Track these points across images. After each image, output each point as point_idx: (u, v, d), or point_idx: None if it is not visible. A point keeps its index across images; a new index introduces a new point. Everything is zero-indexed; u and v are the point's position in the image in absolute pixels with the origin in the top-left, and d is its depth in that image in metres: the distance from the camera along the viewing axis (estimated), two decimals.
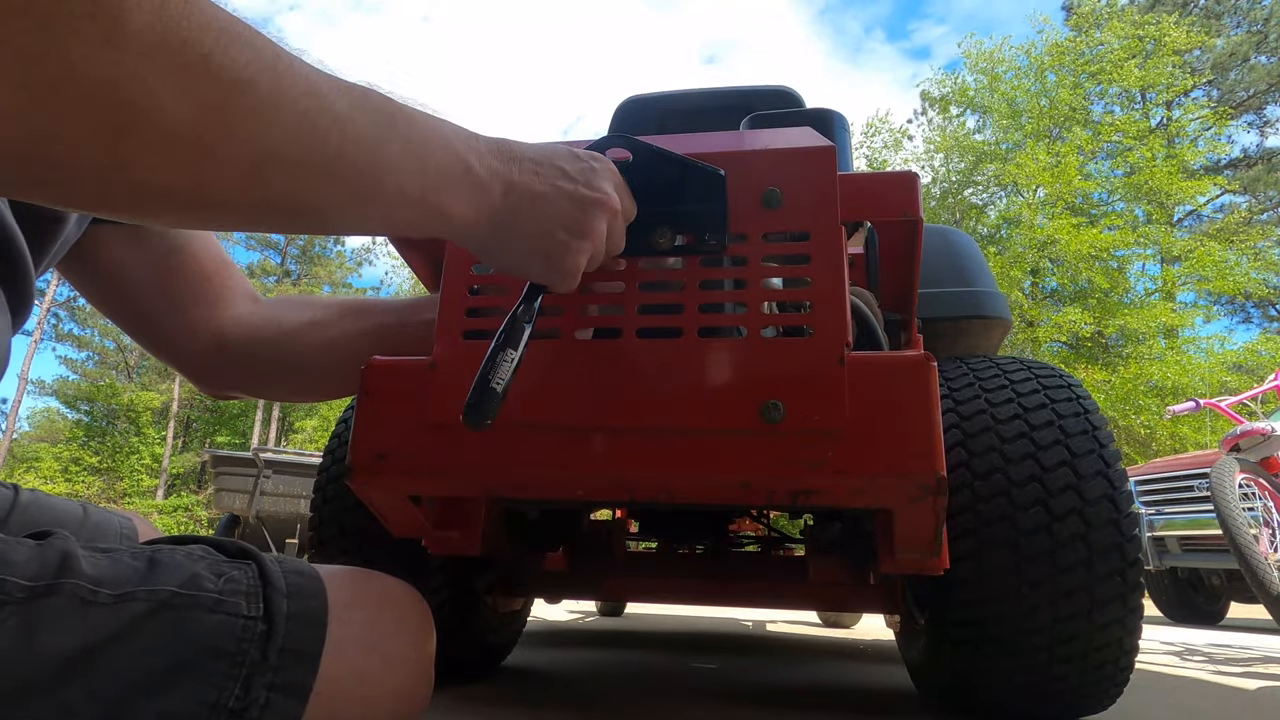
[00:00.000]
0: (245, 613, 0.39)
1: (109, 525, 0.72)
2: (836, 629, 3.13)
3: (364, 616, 0.46)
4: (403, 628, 0.50)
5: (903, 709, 1.16)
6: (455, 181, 0.44)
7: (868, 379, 0.62)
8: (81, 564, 0.36)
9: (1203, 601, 4.87)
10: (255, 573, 0.41)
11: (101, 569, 0.37)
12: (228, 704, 0.36)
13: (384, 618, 0.48)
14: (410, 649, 0.49)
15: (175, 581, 0.38)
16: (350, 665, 0.43)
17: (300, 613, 0.41)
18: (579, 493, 0.72)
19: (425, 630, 0.52)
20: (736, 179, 0.67)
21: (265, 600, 0.40)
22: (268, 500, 5.22)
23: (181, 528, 18.43)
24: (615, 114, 2.20)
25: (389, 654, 0.47)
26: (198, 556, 0.41)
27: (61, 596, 0.34)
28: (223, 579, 0.40)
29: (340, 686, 0.42)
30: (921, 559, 0.81)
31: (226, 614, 0.38)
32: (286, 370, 0.75)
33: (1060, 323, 13.14)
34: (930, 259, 1.19)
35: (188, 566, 0.39)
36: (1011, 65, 15.30)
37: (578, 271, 0.53)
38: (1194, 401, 3.49)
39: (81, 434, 22.53)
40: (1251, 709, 1.39)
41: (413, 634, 0.50)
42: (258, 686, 0.38)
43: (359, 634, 0.45)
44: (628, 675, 1.46)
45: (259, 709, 0.37)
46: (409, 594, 0.53)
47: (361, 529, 1.07)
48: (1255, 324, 17.14)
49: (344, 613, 0.44)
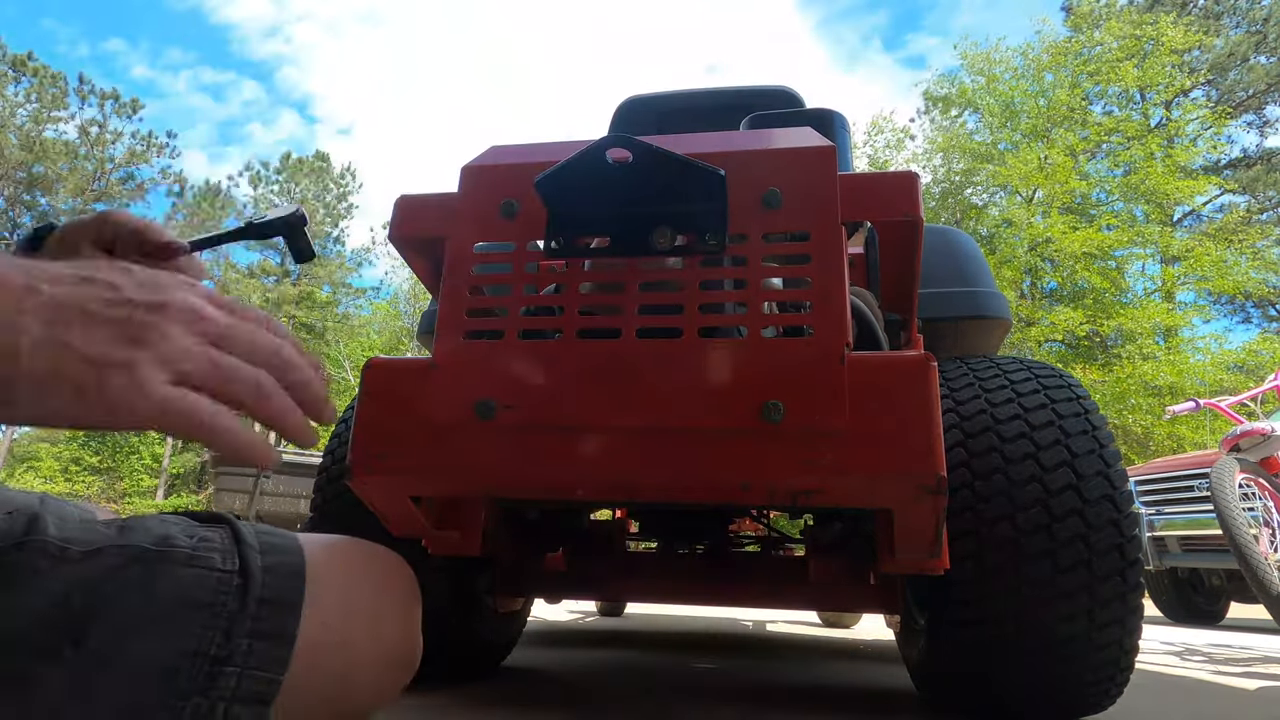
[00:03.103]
0: (220, 566, 0.39)
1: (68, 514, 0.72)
2: (836, 629, 3.13)
3: (343, 578, 0.46)
4: (386, 592, 0.49)
5: (903, 709, 1.16)
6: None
7: (868, 379, 0.62)
8: (49, 527, 0.36)
9: (1203, 601, 4.87)
10: (229, 533, 0.42)
11: (69, 531, 0.37)
12: (209, 651, 0.36)
13: (366, 580, 0.48)
14: (395, 611, 0.49)
15: (147, 540, 0.38)
16: (331, 623, 0.43)
17: (276, 566, 0.41)
18: (579, 493, 0.72)
19: (410, 595, 0.51)
20: (736, 179, 0.67)
21: (241, 557, 0.40)
22: (268, 500, 5.22)
23: None
24: (615, 114, 2.20)
25: (371, 614, 0.46)
26: (171, 521, 0.41)
27: (30, 552, 0.35)
28: (195, 538, 0.40)
29: (321, 643, 0.41)
30: (922, 559, 0.81)
31: (201, 568, 0.38)
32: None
33: (1056, 322, 13.15)
34: (930, 259, 1.19)
35: (159, 529, 0.39)
36: (1009, 66, 15.31)
37: (155, 397, 0.34)
38: (1194, 401, 3.49)
39: (81, 434, 22.52)
40: (1251, 709, 1.39)
41: (397, 597, 0.50)
42: (239, 635, 0.38)
43: (338, 592, 0.44)
44: (628, 675, 1.46)
45: (243, 655, 0.37)
46: (393, 559, 0.52)
47: (361, 529, 1.07)
48: (1255, 324, 17.16)
49: (323, 573, 0.43)
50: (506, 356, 0.68)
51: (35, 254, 0.54)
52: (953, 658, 0.95)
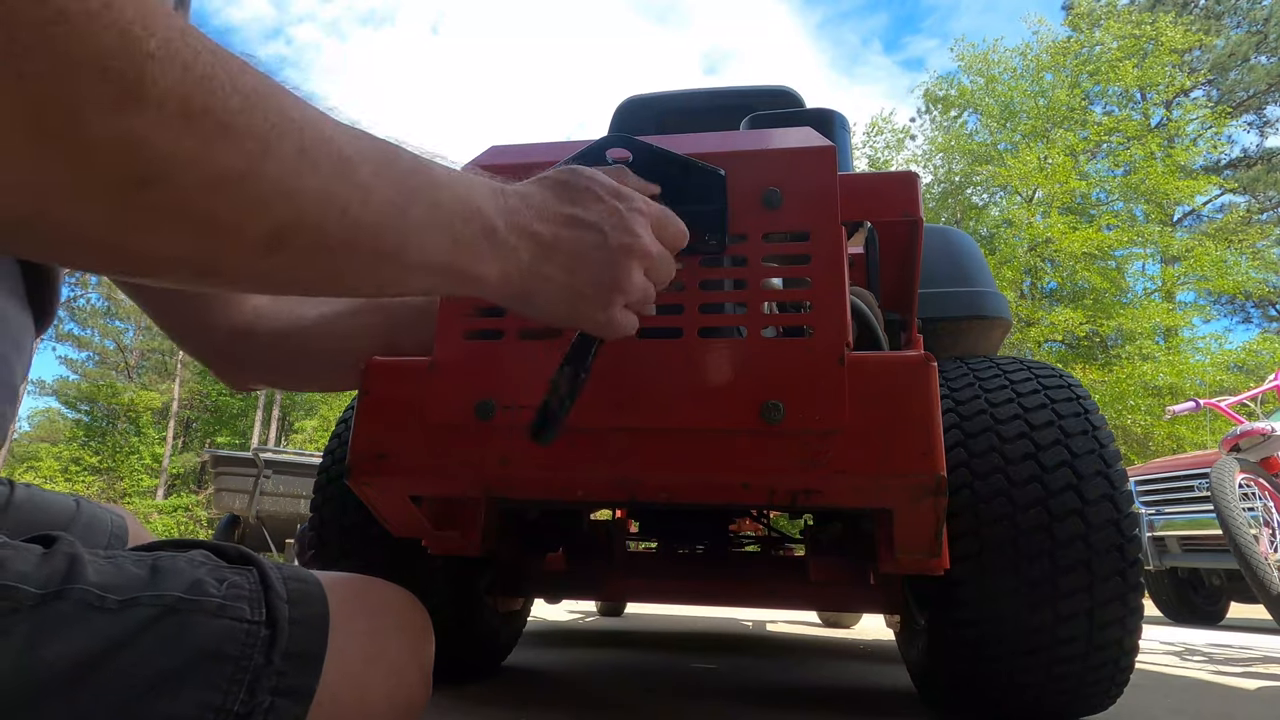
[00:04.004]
0: (249, 617, 0.39)
1: (101, 521, 0.72)
2: (836, 629, 3.13)
3: (364, 625, 0.46)
4: (402, 635, 0.50)
5: (903, 709, 1.16)
6: (480, 246, 0.43)
7: (868, 379, 0.62)
8: (88, 570, 0.36)
9: (1203, 601, 4.87)
10: (257, 578, 0.41)
11: (106, 575, 0.37)
12: (233, 708, 0.36)
13: (384, 625, 0.48)
14: (410, 656, 0.49)
15: (179, 587, 0.38)
16: (350, 672, 0.43)
17: (302, 618, 0.41)
18: (579, 493, 0.72)
19: (424, 637, 0.52)
20: (736, 179, 0.67)
21: (268, 606, 0.40)
22: (268, 500, 5.22)
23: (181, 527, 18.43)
24: (615, 114, 2.20)
25: (389, 661, 0.47)
26: (199, 562, 0.41)
27: (69, 602, 0.34)
28: (225, 584, 0.39)
29: (340, 693, 0.41)
30: (922, 559, 0.81)
31: (230, 619, 0.38)
32: (306, 361, 0.76)
33: (1056, 322, 13.15)
34: (930, 259, 1.19)
35: (190, 572, 0.39)
36: (1008, 67, 15.31)
37: (616, 323, 0.52)
38: (1194, 401, 3.49)
39: (82, 434, 22.53)
40: (1251, 709, 1.39)
41: (412, 641, 0.50)
42: (262, 690, 0.38)
43: (360, 642, 0.45)
44: (628, 675, 1.46)
45: (263, 712, 0.37)
46: (408, 601, 0.53)
47: (361, 529, 1.07)
48: (1255, 324, 17.16)
49: (345, 620, 0.44)
50: (507, 356, 0.68)
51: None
52: (953, 658, 0.95)
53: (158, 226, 0.29)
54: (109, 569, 0.37)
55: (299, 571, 0.45)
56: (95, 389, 22.67)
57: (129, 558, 0.39)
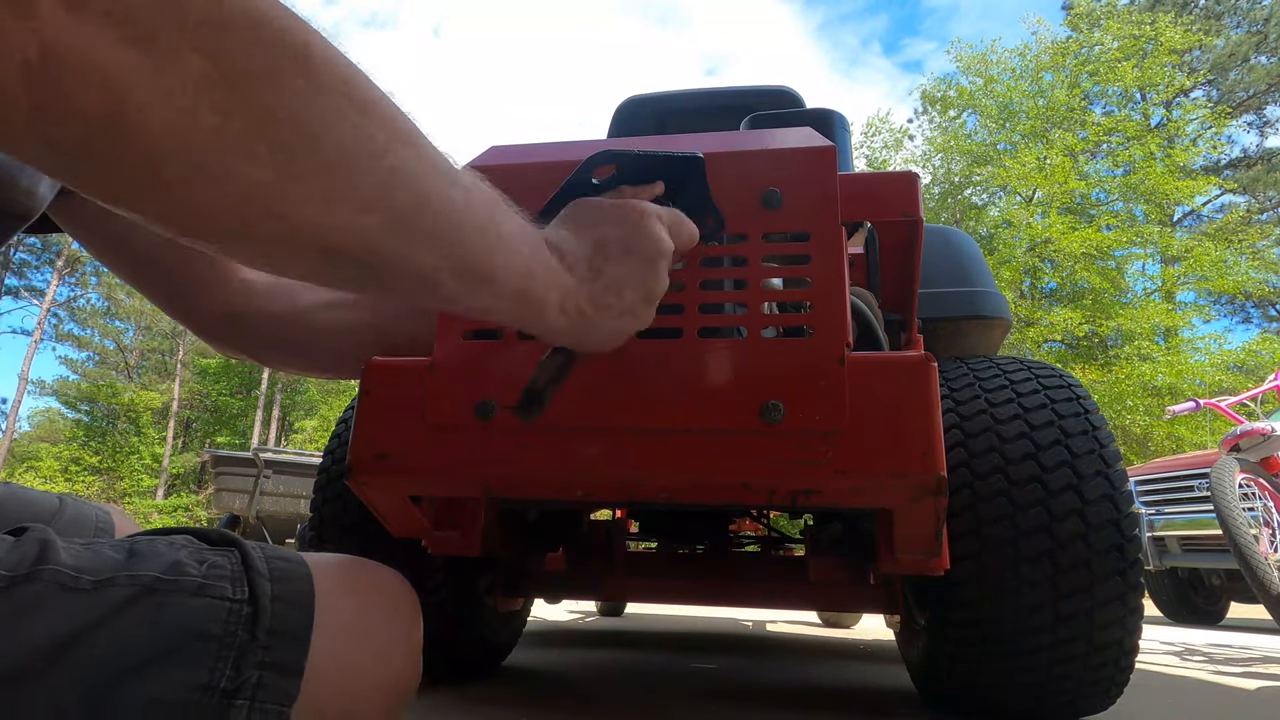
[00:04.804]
0: (230, 595, 0.38)
1: (86, 517, 0.72)
2: (836, 629, 3.13)
3: (352, 604, 0.45)
4: (391, 615, 0.49)
5: (903, 709, 1.16)
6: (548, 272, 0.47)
7: (868, 379, 0.62)
8: (60, 553, 0.36)
9: (1203, 601, 4.87)
10: (238, 558, 0.41)
11: (81, 558, 0.36)
12: (219, 684, 0.36)
13: (372, 605, 0.48)
14: (400, 636, 0.49)
15: (157, 568, 0.37)
16: (337, 651, 0.42)
17: (285, 595, 0.41)
18: (579, 493, 0.72)
19: (414, 618, 0.52)
20: (736, 179, 0.67)
21: (250, 584, 0.39)
22: (268, 500, 5.21)
23: None
24: (615, 114, 2.20)
25: (378, 641, 0.46)
26: (179, 545, 0.40)
27: (41, 583, 0.34)
28: (205, 565, 0.39)
29: (327, 671, 0.41)
30: (922, 559, 0.81)
31: (211, 598, 0.38)
32: (298, 344, 0.76)
33: (1055, 322, 13.15)
34: (930, 259, 1.19)
35: (169, 554, 0.39)
36: (1006, 67, 15.31)
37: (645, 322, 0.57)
38: (1194, 401, 3.49)
39: (81, 434, 22.54)
40: (1251, 709, 1.39)
41: (402, 622, 0.50)
42: (249, 666, 0.37)
43: (347, 620, 0.44)
44: (628, 675, 1.46)
45: (251, 688, 0.37)
46: (398, 581, 0.52)
47: (361, 529, 1.07)
48: (1255, 324, 17.16)
49: (332, 599, 0.43)
50: (507, 357, 0.68)
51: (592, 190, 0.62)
52: (953, 658, 0.95)
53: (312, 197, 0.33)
54: (85, 554, 0.37)
55: (283, 551, 0.44)
56: (95, 389, 22.68)
57: (107, 544, 0.39)
